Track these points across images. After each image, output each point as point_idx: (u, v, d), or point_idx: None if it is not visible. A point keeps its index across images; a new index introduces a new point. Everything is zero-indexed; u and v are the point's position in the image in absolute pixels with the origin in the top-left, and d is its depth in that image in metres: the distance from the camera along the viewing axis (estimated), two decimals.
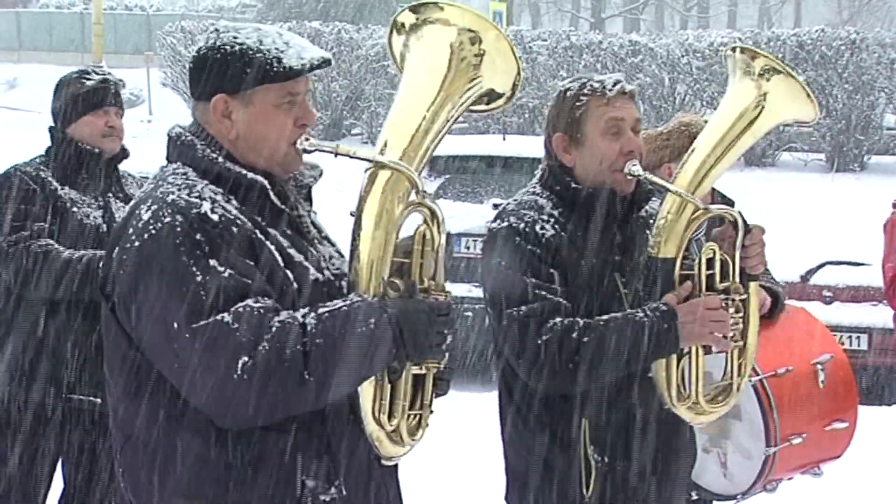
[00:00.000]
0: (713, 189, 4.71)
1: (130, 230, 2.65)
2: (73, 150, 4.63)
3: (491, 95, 2.91)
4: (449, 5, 2.86)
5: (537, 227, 3.39)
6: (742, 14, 54.66)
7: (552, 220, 3.42)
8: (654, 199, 3.56)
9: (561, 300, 3.33)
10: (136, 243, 2.62)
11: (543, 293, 3.32)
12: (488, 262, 3.44)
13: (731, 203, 4.77)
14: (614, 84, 3.46)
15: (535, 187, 3.54)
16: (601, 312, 3.36)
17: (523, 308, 3.30)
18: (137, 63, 32.69)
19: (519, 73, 2.90)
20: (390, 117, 2.85)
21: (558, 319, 3.30)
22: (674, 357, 3.37)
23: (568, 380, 3.31)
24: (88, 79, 4.70)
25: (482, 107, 2.93)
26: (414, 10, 2.91)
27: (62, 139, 4.66)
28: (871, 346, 9.32)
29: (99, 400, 4.52)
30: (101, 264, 2.78)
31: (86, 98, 4.65)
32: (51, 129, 4.73)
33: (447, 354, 2.76)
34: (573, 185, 3.45)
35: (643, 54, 24.68)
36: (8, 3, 45.53)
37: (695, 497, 4.38)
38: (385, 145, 2.78)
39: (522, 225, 3.40)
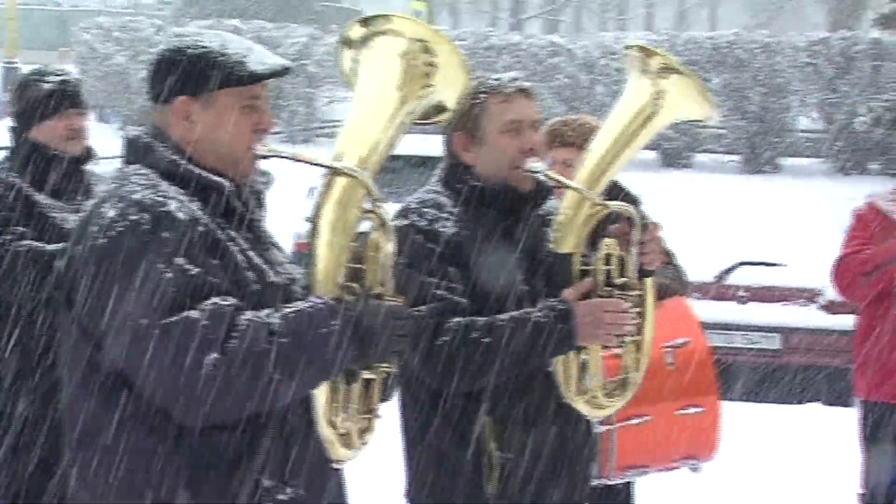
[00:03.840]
0: (618, 186, 4.76)
1: (95, 228, 2.63)
2: (37, 154, 4.51)
3: (439, 108, 2.93)
4: (398, 17, 2.88)
5: (437, 225, 3.39)
6: (659, 17, 55.12)
7: (453, 217, 3.42)
8: (552, 197, 3.57)
9: (460, 299, 3.34)
10: (101, 241, 2.60)
11: (442, 293, 3.32)
12: None
13: (635, 201, 4.81)
14: (510, 81, 3.47)
15: (435, 185, 3.54)
16: (502, 310, 3.37)
17: (423, 309, 3.29)
18: (52, 59, 32.20)
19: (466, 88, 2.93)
20: (346, 126, 2.86)
21: (457, 319, 3.31)
22: (572, 352, 3.41)
23: (467, 379, 3.33)
24: (46, 81, 4.56)
25: (434, 119, 2.95)
26: (363, 22, 2.92)
27: (24, 142, 4.54)
28: (784, 345, 9.46)
29: None
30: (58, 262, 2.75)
31: (44, 102, 4.51)
32: (12, 130, 4.61)
33: (399, 360, 2.79)
34: (473, 183, 3.46)
35: (562, 55, 24.83)
36: None
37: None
38: (342, 153, 2.80)
39: (423, 223, 3.39)
